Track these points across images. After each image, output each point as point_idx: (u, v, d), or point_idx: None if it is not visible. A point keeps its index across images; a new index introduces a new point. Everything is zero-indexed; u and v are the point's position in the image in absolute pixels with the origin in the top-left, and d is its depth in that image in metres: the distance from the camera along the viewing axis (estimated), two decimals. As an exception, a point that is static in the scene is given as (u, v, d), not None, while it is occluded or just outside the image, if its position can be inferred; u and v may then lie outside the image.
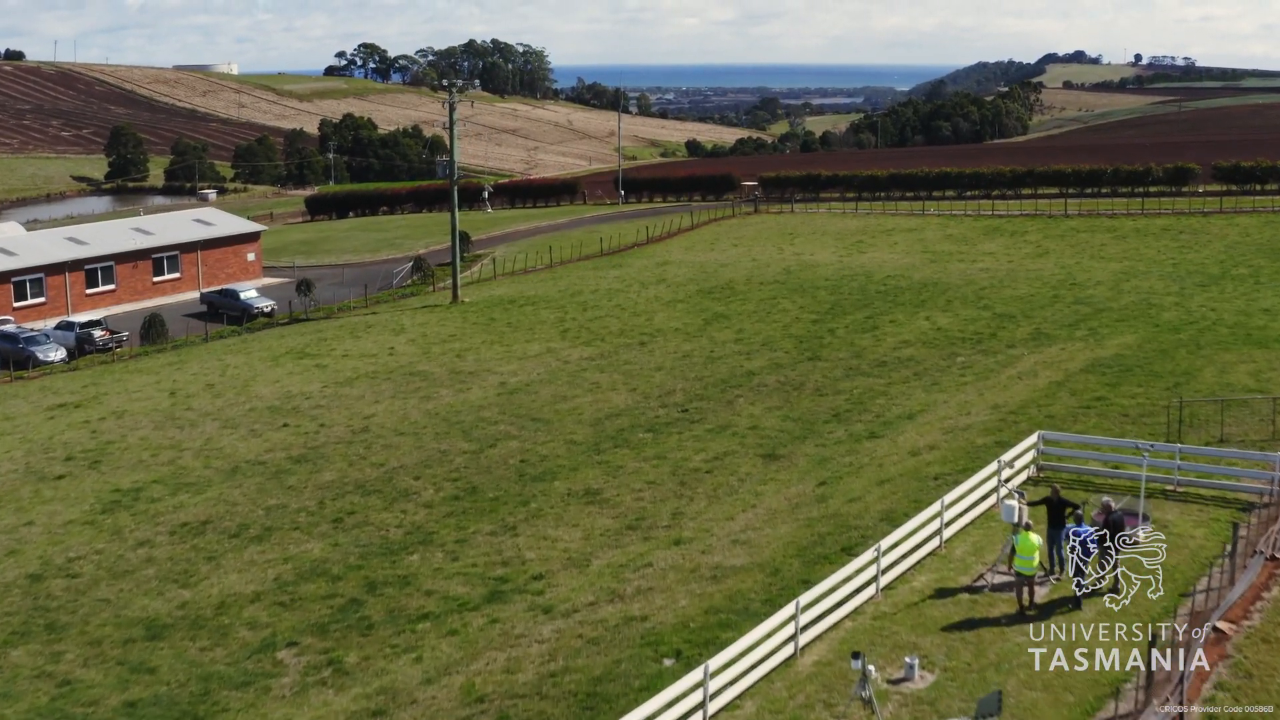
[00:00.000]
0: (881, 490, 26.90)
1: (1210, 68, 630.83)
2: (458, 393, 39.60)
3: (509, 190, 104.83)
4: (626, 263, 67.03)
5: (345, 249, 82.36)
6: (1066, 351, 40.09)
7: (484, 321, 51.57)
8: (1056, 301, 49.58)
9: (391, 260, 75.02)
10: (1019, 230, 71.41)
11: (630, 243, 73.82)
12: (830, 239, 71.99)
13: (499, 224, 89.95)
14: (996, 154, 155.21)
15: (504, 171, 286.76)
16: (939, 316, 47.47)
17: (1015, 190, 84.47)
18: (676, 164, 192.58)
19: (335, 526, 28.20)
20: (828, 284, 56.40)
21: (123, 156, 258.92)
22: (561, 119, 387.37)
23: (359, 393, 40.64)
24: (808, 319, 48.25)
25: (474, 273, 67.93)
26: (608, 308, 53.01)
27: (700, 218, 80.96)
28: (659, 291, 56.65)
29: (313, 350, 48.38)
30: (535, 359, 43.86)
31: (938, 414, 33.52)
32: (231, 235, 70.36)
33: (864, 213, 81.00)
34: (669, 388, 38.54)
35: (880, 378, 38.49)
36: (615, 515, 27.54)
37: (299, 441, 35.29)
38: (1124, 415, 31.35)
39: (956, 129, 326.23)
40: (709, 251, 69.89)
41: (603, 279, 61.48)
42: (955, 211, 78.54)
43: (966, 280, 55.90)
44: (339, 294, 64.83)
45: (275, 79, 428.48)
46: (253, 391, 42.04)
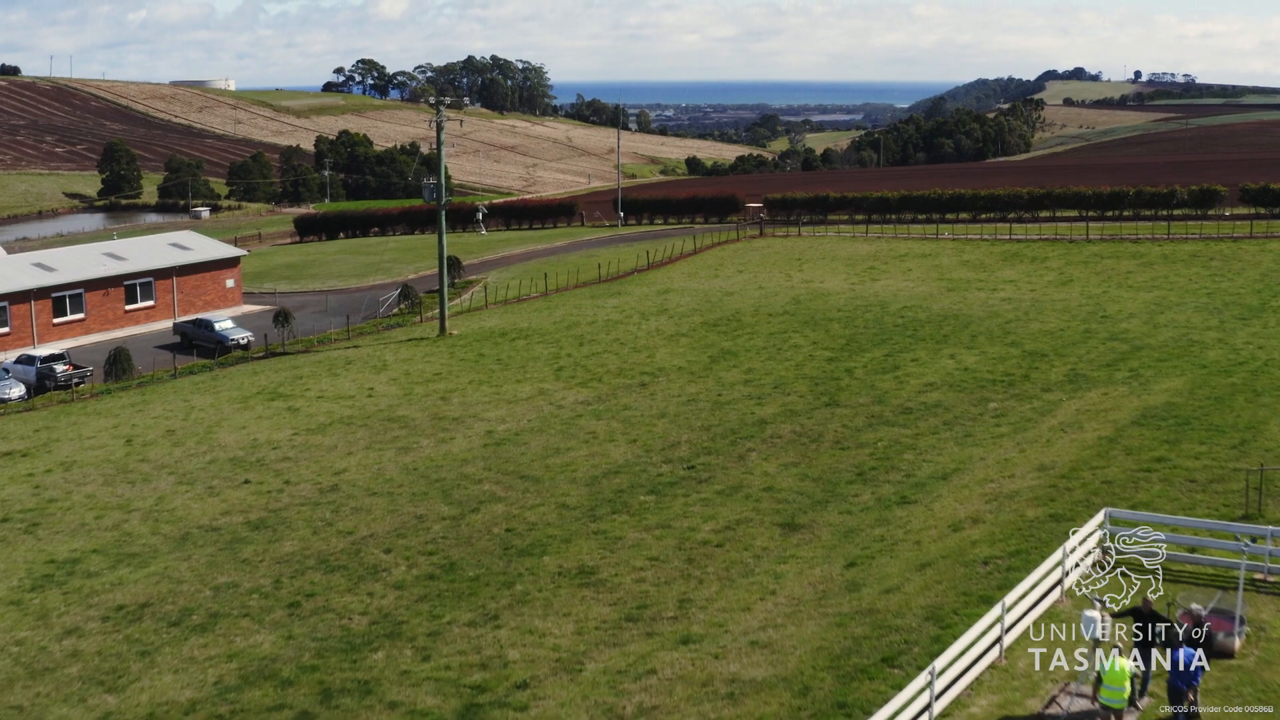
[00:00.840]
0: (922, 578, 23.17)
1: (1211, 84, 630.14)
2: (439, 443, 35.90)
3: (504, 211, 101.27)
4: (626, 290, 63.44)
5: (332, 273, 78.77)
6: (1110, 398, 36.42)
7: (472, 358, 47.90)
8: (1089, 337, 45.94)
9: (379, 287, 71.43)
10: (1039, 256, 67.83)
11: (630, 268, 70.24)
12: (840, 265, 68.42)
13: (493, 247, 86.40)
14: (1004, 173, 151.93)
15: (502, 189, 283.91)
16: (964, 355, 43.81)
17: (1033, 213, 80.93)
18: (677, 183, 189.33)
19: (291, 613, 24.47)
20: (841, 316, 52.78)
21: (116, 173, 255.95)
22: (560, 136, 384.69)
23: (331, 442, 36.94)
24: (822, 357, 44.58)
25: (464, 301, 64.31)
26: (605, 342, 49.37)
27: (703, 241, 77.41)
28: (661, 324, 53.02)
29: (286, 390, 44.70)
30: (526, 402, 40.17)
31: (975, 474, 29.83)
32: (210, 260, 66.76)
33: (874, 236, 77.45)
34: (673, 438, 34.85)
35: (906, 427, 34.82)
36: (613, 601, 23.82)
37: (260, 503, 31.58)
38: (1191, 481, 27.63)
39: (959, 146, 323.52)
40: (713, 278, 66.30)
41: (600, 309, 57.86)
42: (970, 235, 74.97)
43: (989, 312, 52.28)
44: (321, 324, 61.23)
45: (273, 95, 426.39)
46: (216, 439, 38.34)
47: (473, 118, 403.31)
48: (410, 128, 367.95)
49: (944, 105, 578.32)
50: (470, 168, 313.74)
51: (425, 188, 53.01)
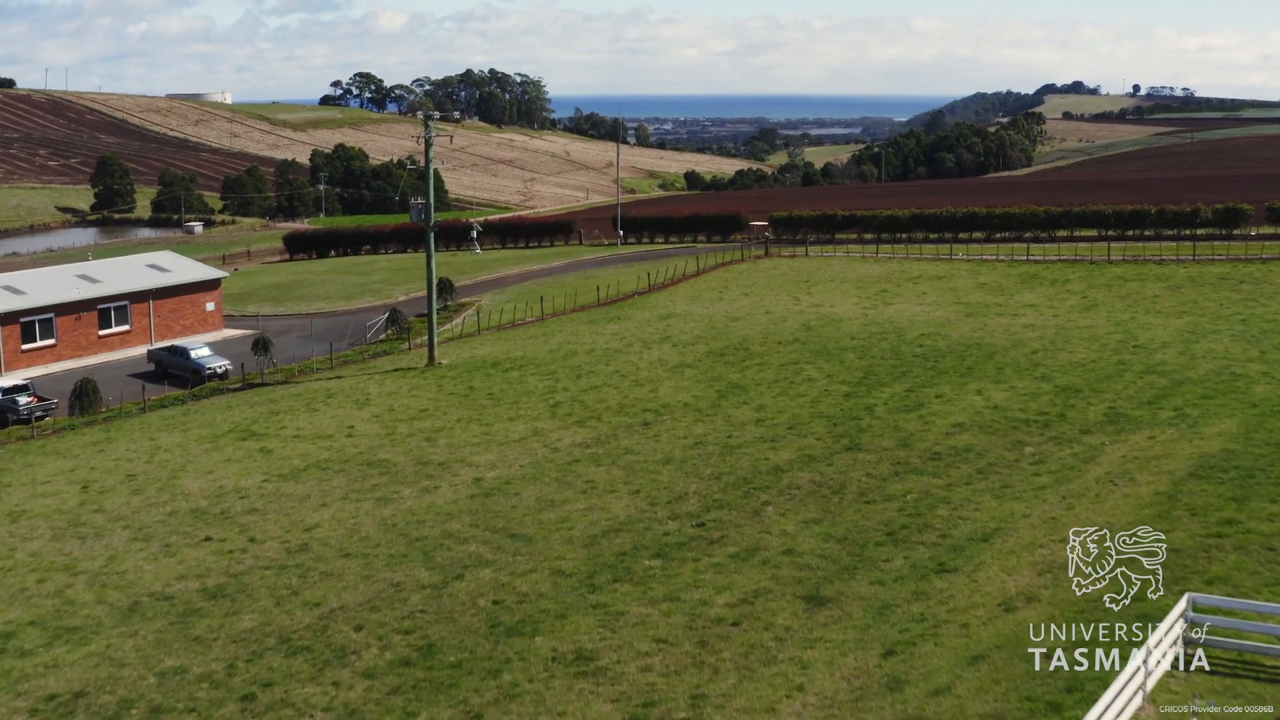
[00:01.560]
0: (976, 675, 19.92)
1: (1210, 98, 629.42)
2: (422, 493, 32.63)
3: (499, 229, 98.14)
4: (626, 315, 60.26)
5: (319, 295, 75.56)
6: (1158, 443, 33.21)
7: (462, 391, 44.64)
8: (1124, 370, 42.77)
9: (367, 310, 68.27)
10: (1059, 278, 64.73)
11: (630, 290, 67.09)
12: (851, 287, 65.28)
13: (487, 266, 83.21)
14: (1011, 189, 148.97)
15: (499, 203, 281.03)
16: (992, 390, 40.61)
17: (1049, 232, 77.85)
18: (677, 199, 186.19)
19: (244, 708, 21.20)
20: (855, 344, 49.60)
21: (109, 187, 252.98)
22: (559, 149, 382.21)
23: (304, 490, 33.67)
24: (838, 392, 41.36)
25: (456, 326, 61.10)
26: (605, 374, 46.13)
27: (706, 262, 74.28)
28: (664, 353, 49.82)
29: (260, 428, 41.43)
30: (518, 445, 36.92)
31: (1021, 537, 26.59)
32: (188, 283, 63.58)
33: (885, 257, 74.32)
34: (680, 489, 31.60)
35: (937, 476, 31.59)
36: (615, 696, 20.57)
37: (220, 565, 28.31)
38: (1268, 550, 24.41)
39: (960, 160, 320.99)
40: (717, 302, 63.15)
41: (599, 336, 54.66)
42: (986, 256, 71.84)
43: (1013, 340, 49.12)
44: (305, 350, 57.98)
45: (269, 108, 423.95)
46: (179, 486, 35.07)
47: (470, 131, 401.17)
48: (407, 141, 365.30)
49: (942, 119, 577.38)
50: (467, 181, 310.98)
51: (413, 208, 49.84)
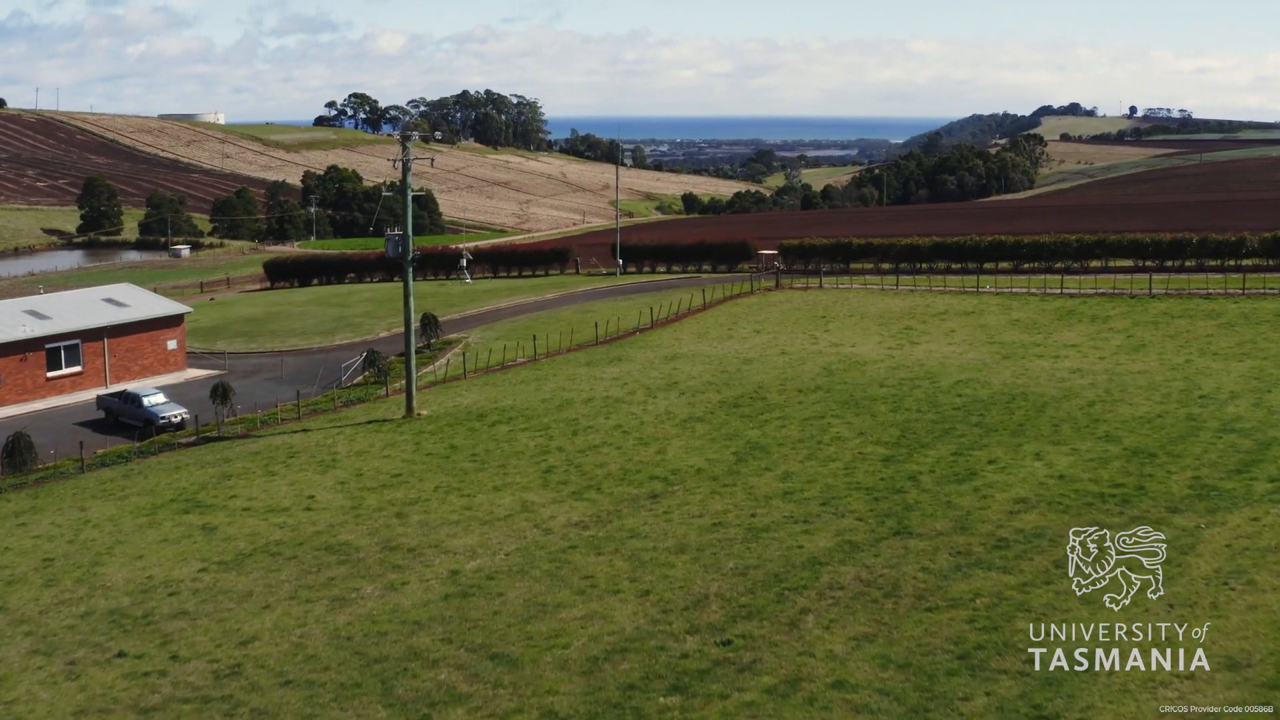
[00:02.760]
0: None
1: (1207, 119, 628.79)
2: (387, 590, 27.08)
3: (491, 257, 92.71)
4: (627, 355, 54.85)
5: (294, 330, 70.07)
6: (1266, 527, 27.78)
7: (441, 451, 39.10)
8: (1198, 429, 37.37)
9: (345, 347, 62.85)
10: (1099, 314, 59.47)
11: (631, 327, 61.68)
12: (872, 324, 59.94)
13: (477, 299, 77.78)
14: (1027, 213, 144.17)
15: (494, 226, 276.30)
16: (1053, 453, 35.17)
17: (1082, 262, 72.58)
18: (678, 224, 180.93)
19: None
20: (886, 393, 44.20)
21: (96, 209, 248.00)
22: (555, 171, 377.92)
23: (247, 585, 28.10)
24: (875, 455, 35.90)
25: (439, 367, 55.63)
26: (605, 430, 40.64)
27: (713, 294, 68.89)
28: (671, 402, 44.37)
29: (207, 497, 35.88)
30: (505, 523, 31.38)
31: (1136, 670, 21.08)
32: (148, 319, 58.11)
33: (906, 289, 69.01)
34: (698, 589, 26.07)
35: (1007, 571, 26.10)
36: None
37: (130, 694, 22.74)
38: None
39: (962, 183, 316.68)
40: (727, 340, 57.77)
41: (598, 381, 49.21)
42: (1016, 289, 66.54)
43: (1063, 389, 43.75)
44: (272, 395, 52.55)
45: (263, 129, 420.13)
46: (101, 577, 29.50)
47: (466, 152, 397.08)
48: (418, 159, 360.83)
49: (940, 141, 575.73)
50: (462, 203, 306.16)
51: (389, 240, 44.38)
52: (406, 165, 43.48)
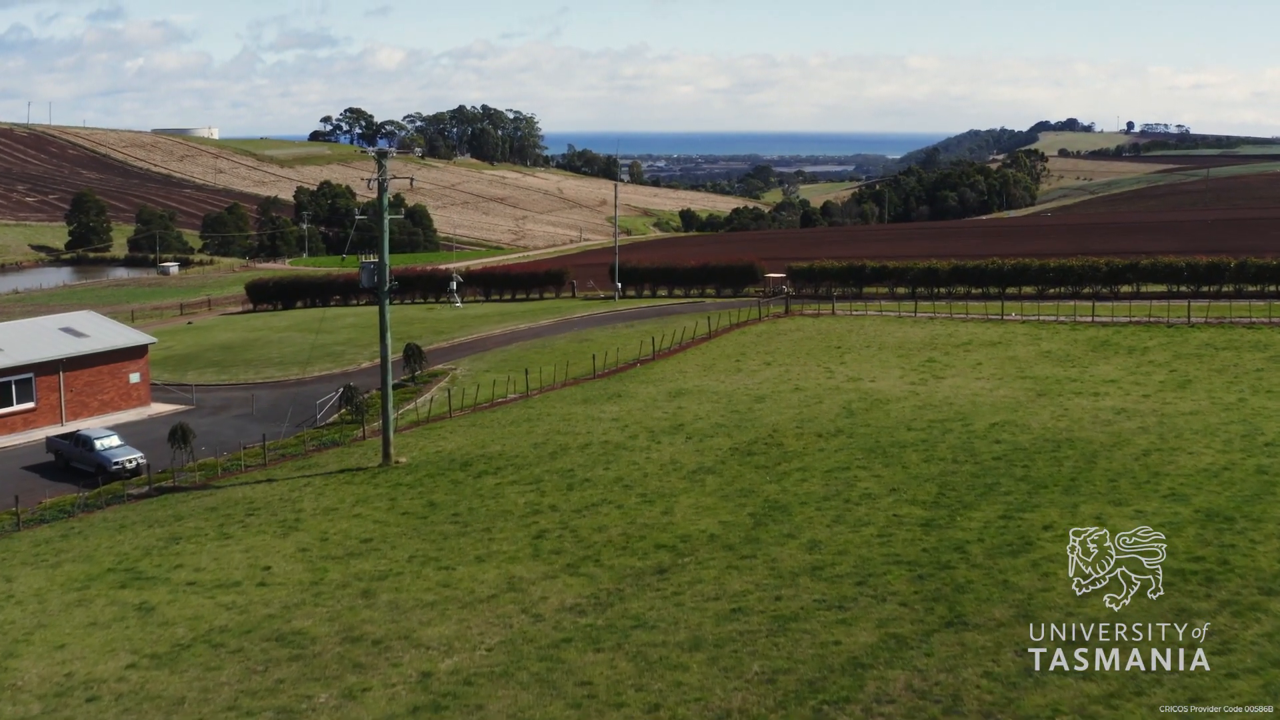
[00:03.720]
0: None
1: (1205, 135, 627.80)
2: (344, 699, 22.59)
3: (482, 280, 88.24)
4: (628, 391, 50.44)
5: (271, 358, 65.61)
6: (1391, 618, 23.38)
7: (419, 510, 34.63)
8: (1272, 485, 32.96)
9: (324, 380, 58.44)
10: (1136, 345, 55.17)
11: (631, 358, 57.29)
12: (891, 355, 55.59)
13: (467, 325, 73.33)
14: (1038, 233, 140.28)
15: (490, 242, 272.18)
16: (1115, 516, 30.73)
17: (1111, 287, 68.27)
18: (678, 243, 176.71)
19: None
20: (915, 439, 39.80)
21: (84, 225, 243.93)
22: (551, 187, 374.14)
23: (180, 688, 23.61)
24: (912, 518, 31.49)
25: (423, 403, 51.18)
26: (604, 483, 36.20)
27: (718, 321, 64.47)
28: (677, 448, 39.97)
29: (149, 566, 31.39)
30: (488, 606, 26.90)
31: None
32: (109, 351, 53.66)
33: (925, 317, 64.65)
34: (718, 702, 21.60)
35: (1088, 678, 21.69)
36: None
37: None
38: None
39: (963, 199, 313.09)
40: (735, 373, 53.40)
41: (596, 422, 44.78)
42: (1044, 317, 62.19)
43: (1111, 435, 39.37)
44: (240, 434, 48.12)
45: (257, 144, 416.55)
46: (12, 674, 25.00)
47: (461, 168, 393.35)
48: (395, 179, 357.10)
49: (937, 156, 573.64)
50: (457, 220, 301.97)
51: (363, 268, 39.94)
52: (383, 186, 39.16)
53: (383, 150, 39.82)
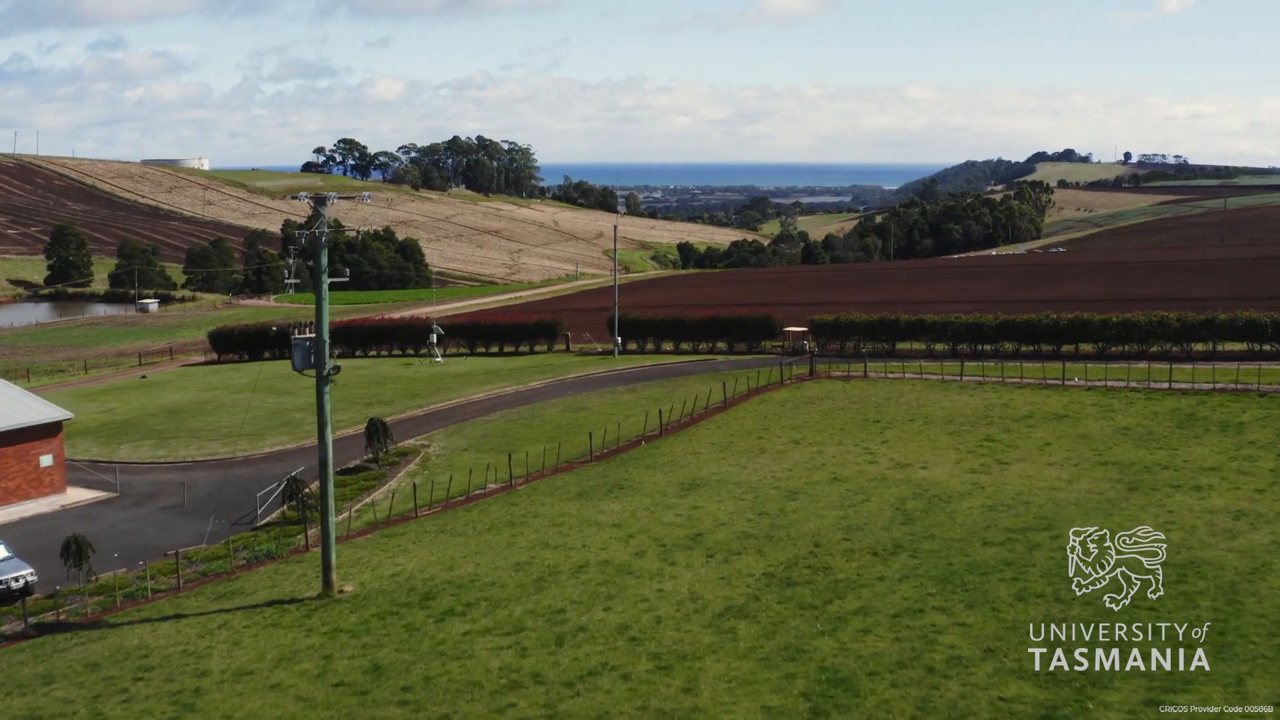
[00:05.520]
0: None
1: (1203, 165, 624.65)
2: None
3: (467, 330, 79.78)
4: (632, 481, 41.96)
5: (220, 428, 57.05)
6: None
7: (358, 682, 25.99)
8: None
9: (276, 457, 49.98)
10: (1229, 420, 46.84)
11: (635, 434, 48.83)
12: (941, 432, 47.22)
13: (447, 386, 64.82)
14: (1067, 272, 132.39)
15: (484, 276, 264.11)
16: (1308, 707, 22.31)
17: (1183, 346, 59.96)
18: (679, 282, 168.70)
19: None
20: (995, 557, 31.38)
21: (64, 259, 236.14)
22: (547, 219, 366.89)
23: None
24: (1022, 698, 22.98)
25: (383, 496, 42.60)
26: (604, 635, 27.61)
27: (735, 386, 55.94)
28: (696, 573, 31.49)
29: (-23, 775, 22.88)
30: None
31: None
32: (15, 429, 45.12)
33: (973, 380, 56.27)
34: None
35: None
36: None
37: None
38: None
39: (968, 232, 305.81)
40: (758, 455, 44.97)
41: (594, 529, 36.29)
42: (1112, 382, 53.78)
43: (1243, 556, 30.99)
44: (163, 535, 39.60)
45: (248, 175, 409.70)
46: None
47: (456, 200, 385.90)
48: (389, 210, 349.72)
49: (935, 187, 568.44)
50: (450, 253, 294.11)
51: (296, 348, 31.34)
52: (319, 242, 30.88)
53: (320, 196, 31.52)
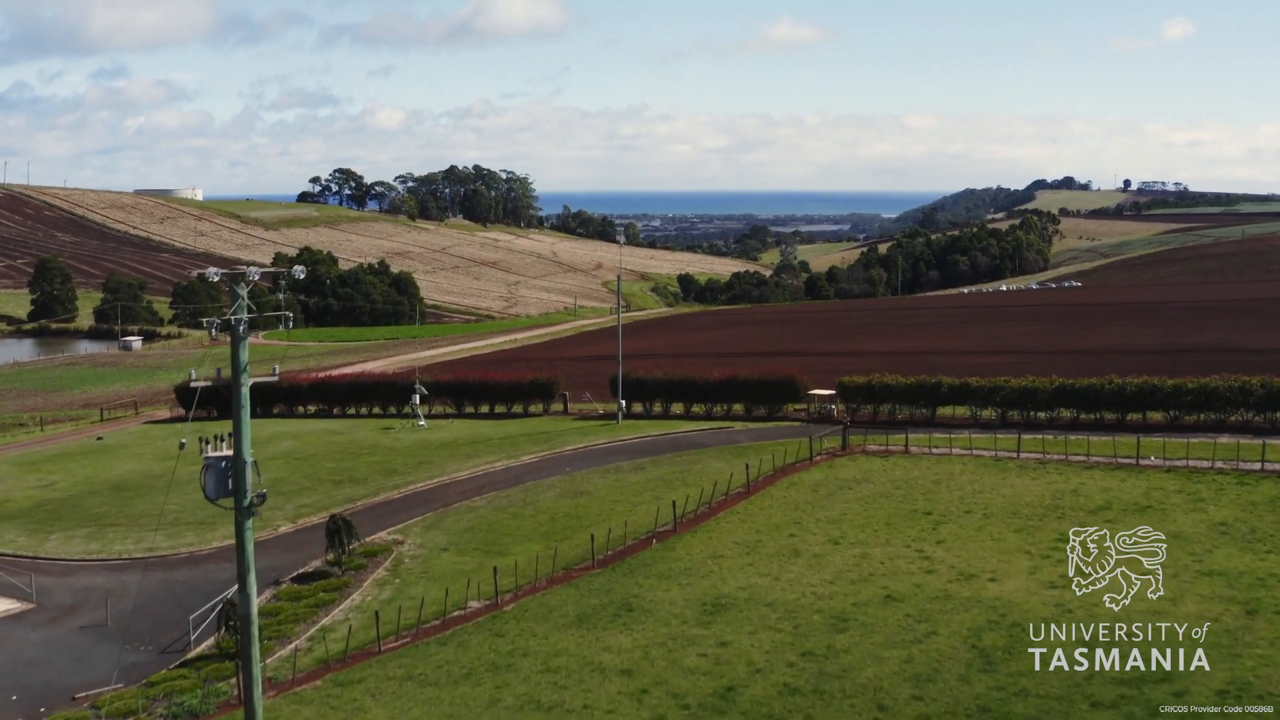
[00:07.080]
0: None
1: (1204, 193, 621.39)
2: None
3: (454, 389, 72.62)
4: (643, 600, 34.66)
5: (168, 513, 49.44)
6: None
7: None
8: None
9: (224, 553, 42.65)
10: (1346, 515, 39.66)
11: (645, 529, 41.51)
12: (1005, 527, 39.97)
13: (429, 460, 57.44)
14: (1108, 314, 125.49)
15: (480, 310, 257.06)
16: None
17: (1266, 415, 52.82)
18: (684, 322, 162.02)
19: None
20: (1120, 738, 24.17)
21: (48, 293, 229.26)
22: (545, 250, 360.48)
23: None
24: None
25: (341, 617, 35.16)
26: None
27: (758, 465, 48.60)
28: (730, 756, 24.23)
29: None
30: None
31: None
32: (-93, 530, 37.80)
33: (1031, 457, 49.00)
34: None
35: None
36: None
37: None
38: None
39: (974, 263, 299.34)
40: (792, 558, 37.71)
41: (598, 677, 29.00)
42: (1195, 462, 46.49)
43: None
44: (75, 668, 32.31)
45: (242, 205, 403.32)
46: None
47: (454, 230, 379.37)
48: (385, 241, 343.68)
49: (934, 215, 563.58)
50: (447, 285, 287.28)
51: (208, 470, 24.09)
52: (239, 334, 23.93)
53: (236, 274, 24.49)
